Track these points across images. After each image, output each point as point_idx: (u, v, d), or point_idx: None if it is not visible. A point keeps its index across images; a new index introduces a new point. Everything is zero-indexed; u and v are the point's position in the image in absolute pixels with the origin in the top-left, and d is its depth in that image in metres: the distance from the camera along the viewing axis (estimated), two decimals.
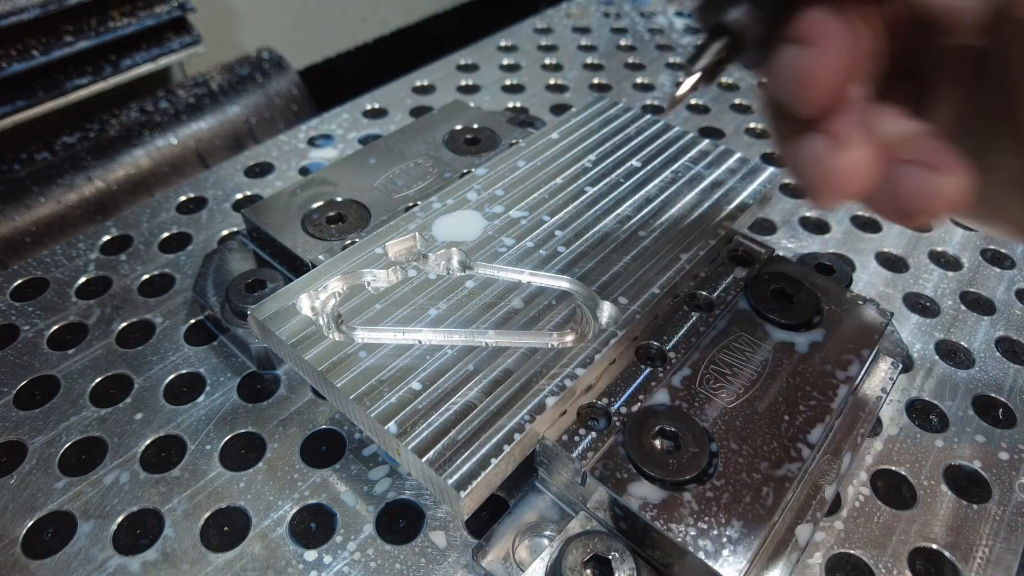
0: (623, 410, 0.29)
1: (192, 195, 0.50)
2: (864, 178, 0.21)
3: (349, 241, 0.39)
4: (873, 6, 0.22)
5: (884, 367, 0.34)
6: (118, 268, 0.44)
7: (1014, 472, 0.33)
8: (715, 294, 0.35)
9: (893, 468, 0.33)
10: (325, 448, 0.34)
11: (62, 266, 0.44)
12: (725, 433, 0.29)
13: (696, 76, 0.22)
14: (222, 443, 0.34)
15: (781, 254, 0.38)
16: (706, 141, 0.42)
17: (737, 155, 0.41)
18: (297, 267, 0.39)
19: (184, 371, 0.38)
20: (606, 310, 0.32)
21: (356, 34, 1.06)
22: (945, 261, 0.45)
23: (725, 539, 0.25)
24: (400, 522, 0.31)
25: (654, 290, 0.33)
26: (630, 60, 0.66)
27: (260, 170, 0.52)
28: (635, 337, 0.32)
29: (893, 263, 0.44)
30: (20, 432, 0.35)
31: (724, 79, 0.64)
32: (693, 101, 0.60)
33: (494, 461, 0.26)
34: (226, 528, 0.31)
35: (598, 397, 0.30)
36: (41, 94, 0.64)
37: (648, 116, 0.44)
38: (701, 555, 0.25)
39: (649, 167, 0.40)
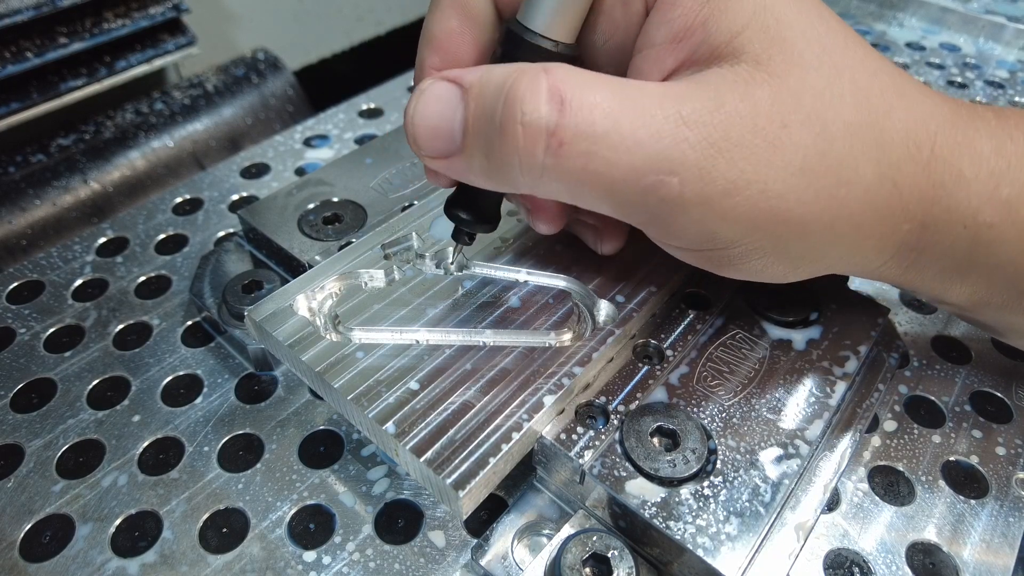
0: (621, 408, 0.29)
1: (188, 196, 0.50)
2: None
3: (346, 241, 0.39)
4: None
5: (881, 363, 0.35)
6: (114, 270, 0.44)
7: (1011, 467, 0.33)
8: (712, 292, 0.35)
9: (891, 464, 0.33)
10: (323, 449, 0.34)
11: (58, 268, 0.44)
12: (723, 430, 0.29)
13: (458, 248, 0.32)
14: (220, 444, 0.34)
15: None
16: None
17: None
18: (294, 268, 0.39)
19: (181, 373, 0.37)
20: (603, 309, 0.32)
21: (352, 34, 1.06)
22: None
23: (724, 536, 0.25)
24: (399, 522, 0.31)
25: (651, 288, 0.33)
26: None
27: (256, 171, 0.52)
28: (633, 335, 0.32)
29: None
30: (17, 435, 0.34)
31: None
32: None
33: (492, 460, 0.26)
34: (225, 529, 0.31)
35: (596, 395, 0.30)
36: (36, 96, 0.64)
37: None
38: (700, 552, 0.25)
39: None
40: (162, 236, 0.46)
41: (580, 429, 0.29)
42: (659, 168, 0.23)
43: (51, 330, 0.40)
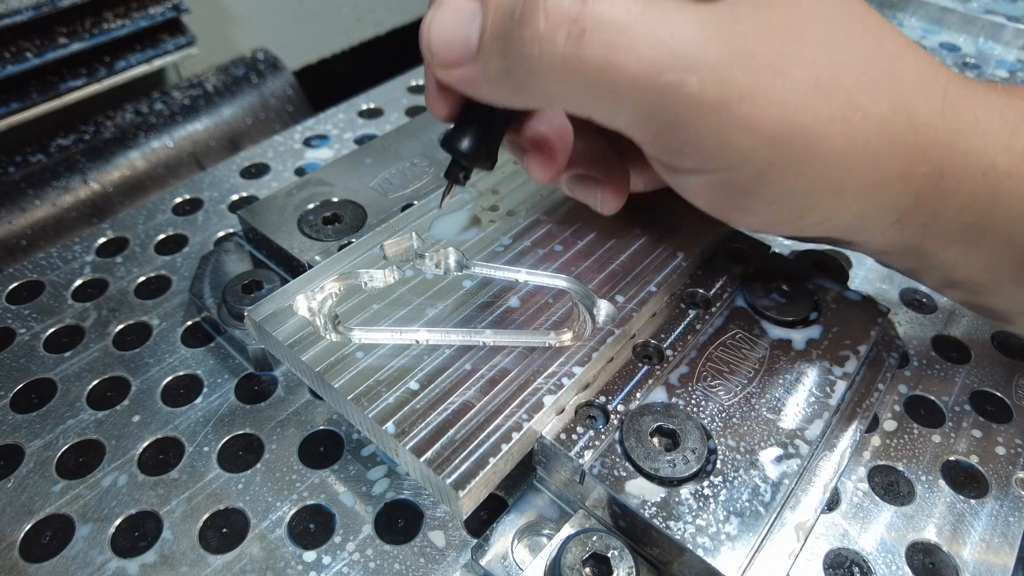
0: (621, 408, 0.29)
1: (188, 197, 0.50)
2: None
3: (346, 241, 0.39)
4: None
5: (880, 363, 0.35)
6: (114, 270, 0.44)
7: (1011, 467, 0.33)
8: (712, 292, 0.35)
9: (890, 464, 0.33)
10: (323, 449, 0.34)
11: (58, 269, 0.44)
12: (723, 430, 0.29)
13: (449, 185, 0.31)
14: (220, 445, 0.34)
15: (777, 251, 0.38)
16: None
17: None
18: (294, 268, 0.39)
19: (181, 373, 0.37)
20: (603, 308, 0.32)
21: (351, 34, 1.06)
22: None
23: (724, 536, 0.25)
24: (399, 522, 0.31)
25: (651, 288, 0.33)
26: None
27: (256, 171, 0.52)
28: (632, 335, 0.32)
29: None
30: (17, 436, 0.34)
31: None
32: None
33: (492, 460, 0.26)
34: (225, 530, 0.31)
35: (596, 395, 0.30)
36: (35, 96, 0.64)
37: None
38: (700, 552, 0.25)
39: None
40: (162, 236, 0.46)
41: (580, 429, 0.29)
42: (679, 65, 0.23)
43: (51, 330, 0.40)
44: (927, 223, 0.27)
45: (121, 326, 0.40)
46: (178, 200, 0.49)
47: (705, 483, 0.27)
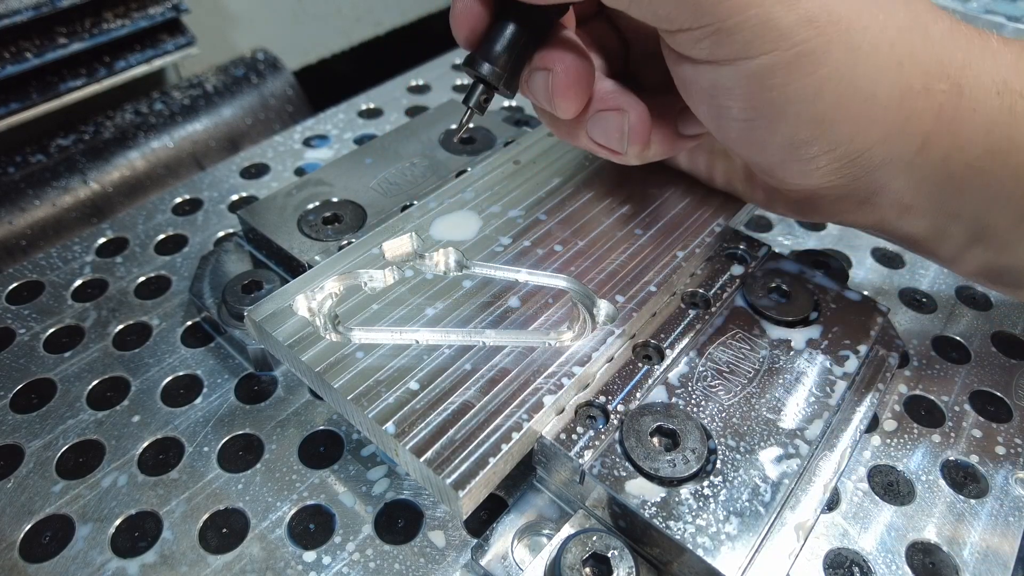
0: (621, 408, 0.29)
1: (188, 197, 0.50)
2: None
3: (345, 241, 0.39)
4: (600, 24, 0.34)
5: (880, 363, 0.35)
6: (114, 270, 0.44)
7: (1011, 466, 0.33)
8: (712, 291, 0.35)
9: (891, 463, 0.33)
10: (323, 449, 0.34)
11: (57, 269, 0.44)
12: (723, 430, 0.29)
13: (469, 112, 0.31)
14: (220, 445, 0.34)
15: (778, 251, 0.38)
16: None
17: None
18: (293, 268, 0.39)
19: (181, 373, 0.37)
20: (603, 308, 0.32)
21: (351, 34, 1.06)
22: None
23: (724, 536, 0.25)
24: (399, 522, 0.31)
25: (651, 288, 0.33)
26: None
27: (256, 171, 0.52)
28: (632, 335, 0.32)
29: (889, 259, 0.44)
30: (17, 436, 0.34)
31: None
32: None
33: (492, 460, 0.26)
34: (225, 530, 0.31)
35: (596, 395, 0.30)
36: (35, 96, 0.64)
37: None
38: (700, 552, 0.25)
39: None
40: (162, 236, 0.46)
41: (580, 429, 0.29)
42: None
43: (51, 330, 0.40)
44: (949, 153, 0.27)
45: (121, 326, 0.40)
46: (178, 200, 0.49)
47: (705, 483, 0.27)
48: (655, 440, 0.28)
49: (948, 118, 0.27)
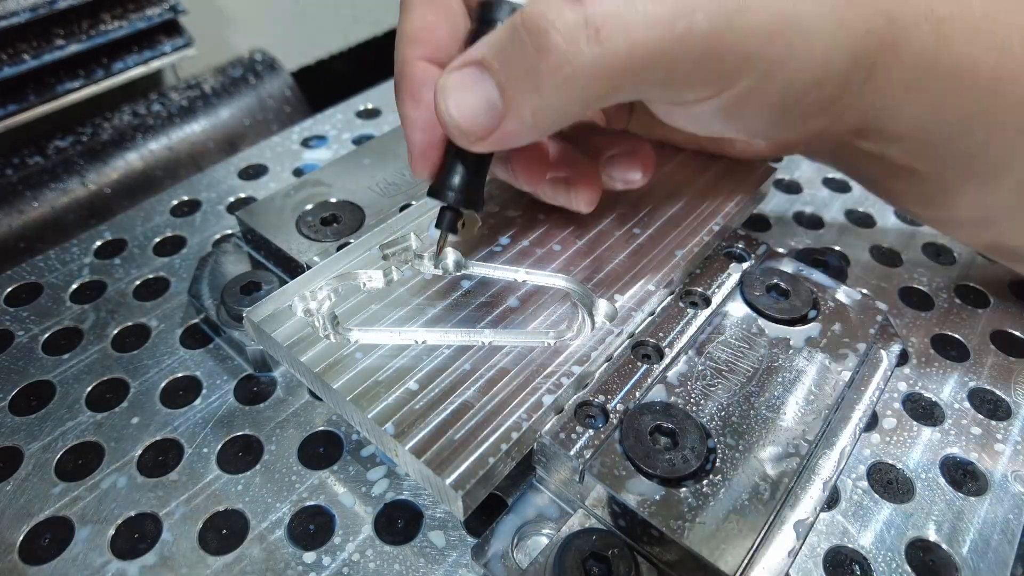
0: (620, 407, 0.29)
1: (186, 198, 0.49)
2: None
3: (344, 242, 0.39)
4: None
5: (879, 361, 0.35)
6: (112, 272, 0.44)
7: (1010, 464, 0.33)
8: (711, 290, 0.35)
9: (890, 462, 0.33)
10: (322, 449, 0.34)
11: (56, 271, 0.44)
12: (722, 429, 0.29)
13: (444, 236, 0.32)
14: (219, 446, 0.34)
15: (777, 250, 0.38)
16: None
17: None
18: (292, 269, 0.39)
19: (180, 374, 0.37)
20: (602, 308, 0.32)
21: (348, 34, 1.06)
22: (939, 255, 0.45)
23: (723, 535, 0.25)
24: (399, 522, 0.31)
25: (649, 287, 0.33)
26: None
27: (254, 172, 0.52)
28: (631, 334, 0.32)
29: (888, 257, 0.44)
30: (16, 438, 0.34)
31: None
32: None
33: (492, 460, 0.26)
34: (224, 531, 0.31)
35: (595, 395, 0.30)
36: (33, 98, 0.64)
37: None
38: (699, 551, 0.25)
39: None
40: (160, 238, 0.46)
41: (579, 428, 0.29)
42: (682, 11, 0.24)
43: (49, 332, 0.40)
44: (884, 72, 0.28)
45: (120, 328, 0.40)
46: (176, 201, 0.49)
47: (704, 482, 0.27)
48: (654, 439, 0.28)
49: (887, 46, 0.28)
